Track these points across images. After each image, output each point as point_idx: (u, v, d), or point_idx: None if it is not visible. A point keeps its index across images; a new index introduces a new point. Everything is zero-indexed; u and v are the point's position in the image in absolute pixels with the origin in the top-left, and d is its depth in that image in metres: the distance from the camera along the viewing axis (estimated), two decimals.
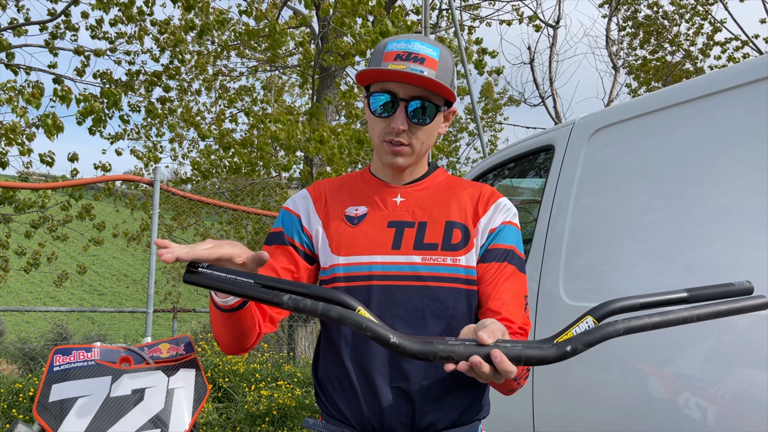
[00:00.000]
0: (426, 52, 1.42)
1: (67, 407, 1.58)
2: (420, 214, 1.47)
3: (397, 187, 1.52)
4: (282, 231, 1.53)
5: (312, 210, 1.53)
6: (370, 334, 1.05)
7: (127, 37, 9.38)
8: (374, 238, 1.45)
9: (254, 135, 9.29)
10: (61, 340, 12.53)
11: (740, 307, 1.12)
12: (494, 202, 1.51)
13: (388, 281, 1.41)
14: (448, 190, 1.53)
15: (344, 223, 1.48)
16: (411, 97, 1.41)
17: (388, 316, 1.39)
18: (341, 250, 1.45)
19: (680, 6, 12.33)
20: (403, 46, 1.43)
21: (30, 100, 6.83)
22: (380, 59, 1.43)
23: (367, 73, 1.41)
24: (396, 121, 1.41)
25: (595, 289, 2.33)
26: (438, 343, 1.05)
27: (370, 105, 1.45)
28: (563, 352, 1.06)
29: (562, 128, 2.77)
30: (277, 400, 5.79)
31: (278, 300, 1.06)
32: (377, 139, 1.47)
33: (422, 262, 1.42)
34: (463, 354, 1.05)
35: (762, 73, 1.87)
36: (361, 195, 1.53)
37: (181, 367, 1.79)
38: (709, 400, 1.82)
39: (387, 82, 1.42)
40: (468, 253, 1.44)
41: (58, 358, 1.67)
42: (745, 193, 1.84)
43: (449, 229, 1.45)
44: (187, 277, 1.12)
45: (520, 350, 1.06)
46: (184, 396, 1.72)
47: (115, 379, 1.66)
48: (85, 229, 9.71)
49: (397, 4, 10.05)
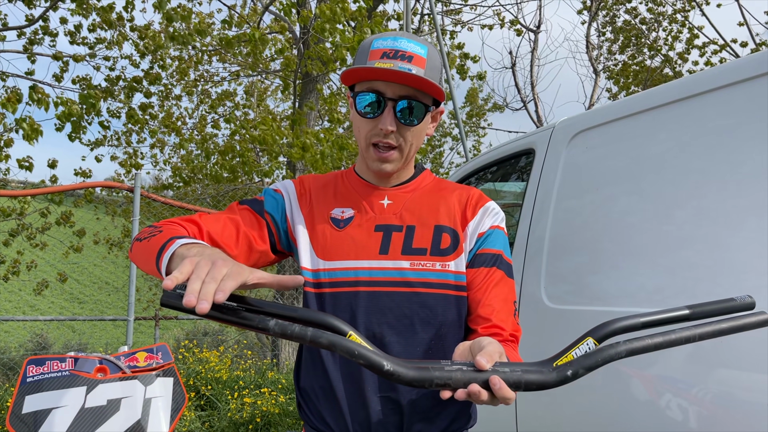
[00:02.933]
0: (413, 49, 1.37)
1: (40, 419, 1.55)
2: (408, 217, 1.43)
3: (383, 189, 1.47)
4: (263, 201, 1.45)
5: (295, 203, 1.47)
6: (363, 362, 1.01)
7: (107, 42, 9.29)
8: (361, 243, 1.39)
9: (236, 141, 9.23)
10: (41, 349, 12.36)
11: (741, 325, 1.12)
12: (482, 206, 1.47)
13: (376, 287, 1.36)
14: (436, 192, 1.49)
15: (330, 226, 1.43)
16: (399, 97, 1.36)
17: (375, 323, 1.35)
18: (326, 254, 1.40)
19: (657, 13, 12.48)
20: (390, 43, 1.37)
21: (6, 105, 6.73)
22: (366, 57, 1.37)
23: (353, 71, 1.35)
24: (384, 121, 1.35)
25: (576, 291, 2.33)
26: (434, 370, 1.02)
27: (356, 105, 1.39)
28: (564, 377, 1.04)
29: (542, 132, 2.78)
30: (261, 407, 5.74)
31: (264, 326, 1.00)
32: (363, 142, 1.41)
33: (411, 268, 1.37)
34: (461, 381, 1.01)
35: (739, 76, 1.88)
36: (346, 196, 1.48)
37: (158, 376, 1.76)
38: (690, 401, 1.82)
39: (374, 81, 1.36)
40: (457, 258, 1.40)
41: (31, 369, 1.63)
42: (723, 195, 1.85)
43: (438, 234, 1.41)
44: (165, 300, 1.01)
45: (519, 375, 1.03)
46: (162, 405, 1.69)
47: (90, 390, 1.63)
48: (64, 236, 9.58)
49: (378, 10, 10.06)
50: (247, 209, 1.44)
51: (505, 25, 12.71)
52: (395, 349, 1.34)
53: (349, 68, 1.36)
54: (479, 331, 1.37)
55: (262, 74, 11.27)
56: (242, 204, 1.45)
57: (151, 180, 16.71)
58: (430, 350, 1.36)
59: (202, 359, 6.92)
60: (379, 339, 1.35)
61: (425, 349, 1.36)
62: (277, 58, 10.65)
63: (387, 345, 1.35)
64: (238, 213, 1.43)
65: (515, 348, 1.38)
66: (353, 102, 1.41)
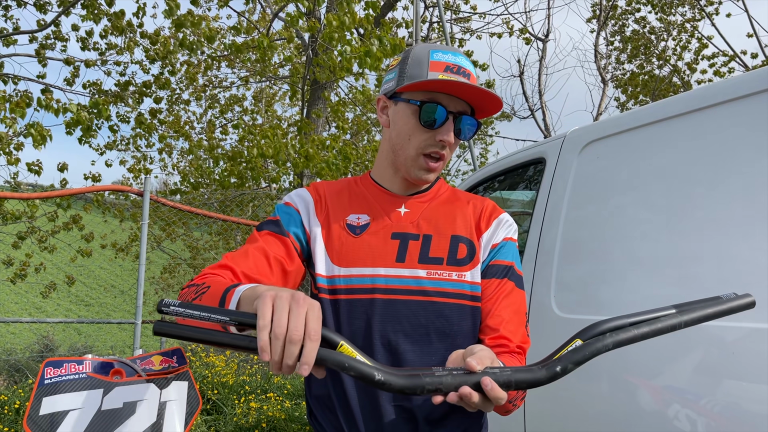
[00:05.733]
0: (469, 67, 1.41)
1: (57, 421, 1.57)
2: (425, 226, 1.43)
3: (401, 198, 1.47)
4: (279, 220, 1.44)
5: (312, 211, 1.46)
6: (354, 374, 1.01)
7: (118, 48, 9.37)
8: (377, 250, 1.39)
9: (244, 146, 9.28)
10: (48, 351, 12.40)
11: (727, 309, 1.12)
12: (496, 218, 1.48)
13: (392, 295, 1.35)
14: (452, 203, 1.50)
15: (345, 232, 1.42)
16: (459, 112, 1.39)
17: (391, 331, 1.34)
18: (342, 261, 1.39)
19: (668, 23, 12.49)
20: (451, 58, 1.40)
21: (15, 110, 6.79)
22: (426, 67, 1.39)
23: (430, 83, 1.35)
24: (446, 134, 1.37)
25: (584, 301, 2.34)
26: (425, 376, 1.02)
27: (421, 115, 1.38)
28: (553, 373, 1.05)
29: (553, 141, 2.80)
30: (267, 412, 5.75)
31: (254, 345, 0.97)
32: (413, 151, 1.41)
33: (427, 277, 1.37)
34: (451, 385, 1.02)
35: (748, 89, 1.90)
36: (362, 203, 1.47)
37: (173, 380, 1.77)
38: (698, 412, 1.83)
39: (436, 93, 1.38)
40: (473, 268, 1.40)
41: (49, 371, 1.65)
42: (731, 206, 1.86)
43: (455, 244, 1.41)
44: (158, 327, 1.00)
45: (509, 375, 1.04)
46: (177, 409, 1.71)
47: (106, 392, 1.65)
48: (73, 239, 9.63)
49: (387, 17, 10.10)
50: (267, 234, 1.43)
51: (513, 33, 12.74)
52: (410, 357, 1.34)
53: (418, 81, 1.36)
54: (486, 342, 1.37)
55: (269, 80, 11.33)
56: (261, 230, 1.44)
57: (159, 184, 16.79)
58: (445, 360, 1.36)
59: (209, 363, 6.94)
60: (394, 347, 1.34)
61: (440, 359, 1.35)
62: (285, 64, 10.72)
63: (402, 354, 1.34)
64: (261, 240, 1.41)
65: (522, 360, 1.38)
66: (414, 111, 1.40)
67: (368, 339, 1.34)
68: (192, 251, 12.16)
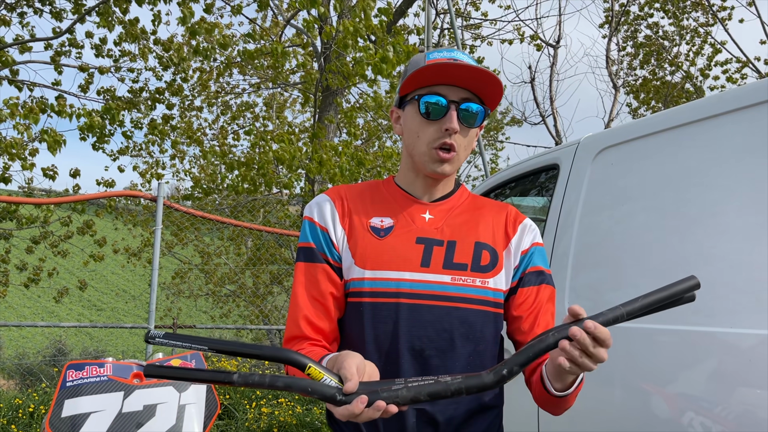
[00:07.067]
0: (466, 59, 1.42)
1: (79, 423, 1.59)
2: (449, 232, 1.43)
3: (425, 204, 1.47)
4: (314, 248, 1.44)
5: (336, 219, 1.45)
6: (317, 397, 1.06)
7: (131, 55, 9.45)
8: (402, 254, 1.39)
9: (256, 153, 9.33)
10: (60, 355, 12.49)
11: (671, 293, 1.10)
12: (521, 223, 1.50)
13: (417, 300, 1.35)
14: (475, 210, 1.50)
15: (370, 234, 1.42)
16: (461, 99, 1.39)
17: (416, 336, 1.34)
18: (367, 264, 1.38)
19: (681, 27, 12.45)
20: (446, 54, 1.41)
21: (28, 116, 6.87)
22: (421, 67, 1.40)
23: (417, 74, 1.37)
24: (450, 122, 1.36)
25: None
26: (383, 391, 1.06)
27: (421, 108, 1.39)
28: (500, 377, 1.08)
29: (567, 147, 2.80)
30: (278, 417, 5.77)
31: (229, 380, 1.06)
32: (424, 146, 1.41)
33: (452, 282, 1.37)
34: (407, 397, 1.05)
35: (761, 96, 1.90)
36: (386, 206, 1.47)
37: (192, 384, 1.80)
38: (713, 420, 1.82)
39: (435, 86, 1.39)
40: (497, 275, 1.41)
41: (71, 374, 1.67)
42: (743, 213, 1.87)
43: (478, 250, 1.42)
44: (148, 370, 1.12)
45: (459, 383, 1.08)
46: (195, 412, 1.72)
47: (127, 395, 1.67)
48: (85, 244, 9.71)
49: (398, 24, 10.14)
50: (305, 266, 1.43)
51: (524, 40, 12.75)
52: (435, 362, 1.35)
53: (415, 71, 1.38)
54: None
55: (282, 86, 11.39)
56: (299, 262, 1.45)
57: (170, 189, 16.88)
58: (469, 366, 1.37)
59: (220, 368, 6.96)
60: (418, 353, 1.35)
61: (464, 364, 1.36)
62: (297, 71, 10.77)
63: (428, 359, 1.35)
64: (304, 275, 1.43)
65: None
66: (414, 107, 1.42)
67: (395, 344, 1.35)
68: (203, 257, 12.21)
